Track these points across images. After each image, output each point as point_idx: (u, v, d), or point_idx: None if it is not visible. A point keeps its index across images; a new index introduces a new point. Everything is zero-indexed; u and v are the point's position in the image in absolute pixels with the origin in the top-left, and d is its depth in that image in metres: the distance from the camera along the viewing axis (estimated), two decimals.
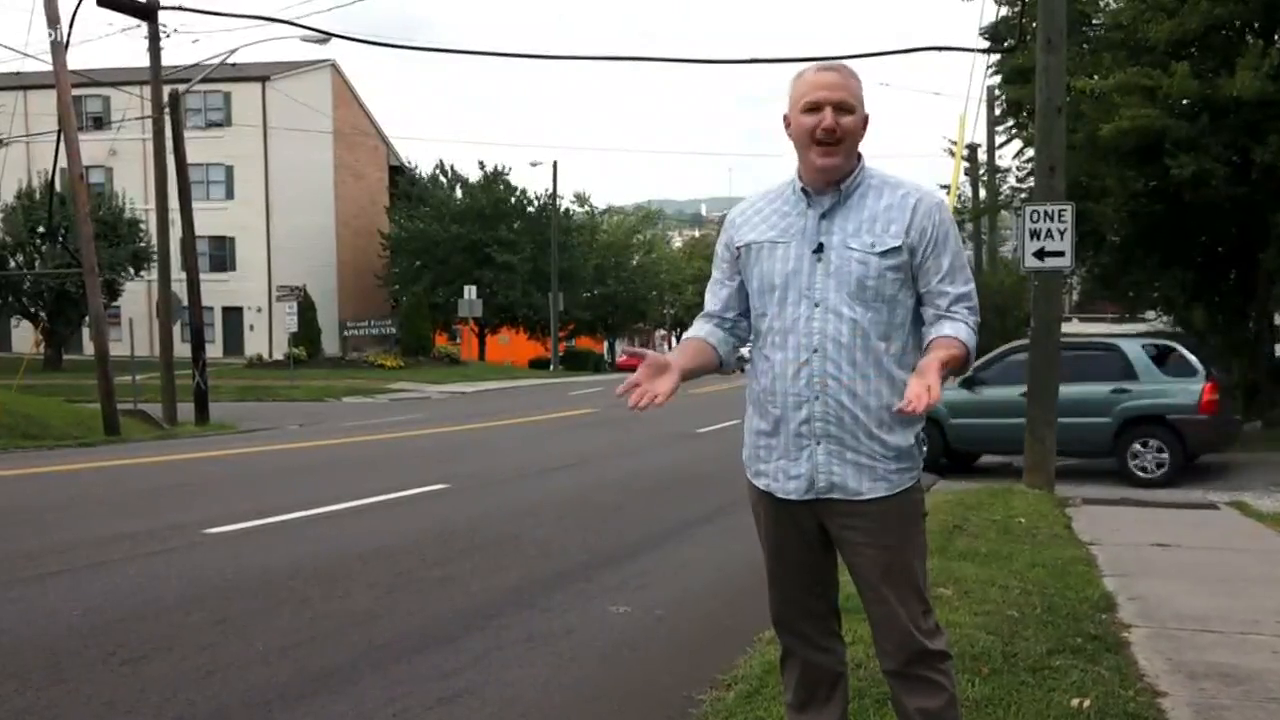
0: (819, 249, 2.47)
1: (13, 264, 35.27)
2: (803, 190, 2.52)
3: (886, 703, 3.25)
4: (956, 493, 8.14)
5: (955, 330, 2.46)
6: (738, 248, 2.60)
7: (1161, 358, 10.94)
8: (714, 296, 2.67)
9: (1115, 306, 26.74)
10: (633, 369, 2.50)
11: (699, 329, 2.66)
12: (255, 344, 42.98)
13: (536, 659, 4.38)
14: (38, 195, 34.54)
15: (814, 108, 2.43)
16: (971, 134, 27.35)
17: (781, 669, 2.77)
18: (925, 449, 2.58)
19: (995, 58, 17.27)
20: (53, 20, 16.51)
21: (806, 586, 2.63)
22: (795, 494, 2.50)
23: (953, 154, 25.39)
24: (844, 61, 2.58)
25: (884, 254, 2.45)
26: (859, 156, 2.51)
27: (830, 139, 2.42)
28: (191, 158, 21.50)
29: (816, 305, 2.45)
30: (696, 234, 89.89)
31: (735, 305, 2.64)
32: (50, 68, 17.02)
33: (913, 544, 2.54)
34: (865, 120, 2.49)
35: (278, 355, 39.65)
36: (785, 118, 2.52)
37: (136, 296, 38.03)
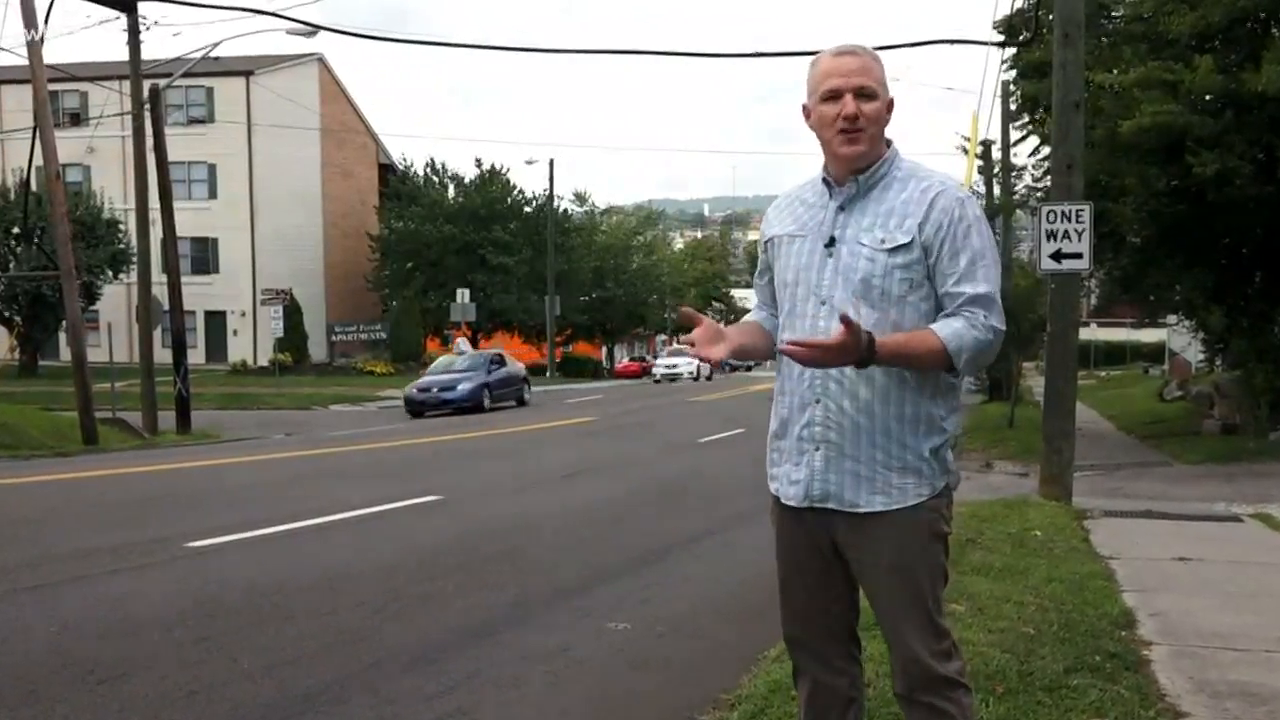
0: (830, 243, 2.37)
1: None
2: (824, 181, 2.43)
3: None
4: (970, 504, 8.02)
5: (944, 326, 2.26)
6: (766, 242, 2.54)
7: None
8: (758, 293, 2.68)
9: (1134, 310, 26.50)
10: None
11: (756, 314, 2.66)
12: (239, 349, 42.72)
13: (532, 678, 4.30)
14: (12, 195, 34.26)
15: (834, 95, 2.32)
16: (985, 130, 26.89)
17: (794, 685, 2.65)
18: (952, 464, 2.40)
19: (1010, 51, 17.12)
20: (29, 19, 16.26)
21: (817, 602, 2.49)
22: (794, 500, 2.41)
23: (966, 151, 25.08)
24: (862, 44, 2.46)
25: (893, 251, 2.31)
26: (888, 144, 2.40)
27: (853, 127, 2.31)
28: (173, 155, 21.40)
29: (823, 303, 2.35)
30: (699, 235, 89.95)
31: (775, 302, 2.58)
32: (25, 61, 16.80)
33: (921, 564, 2.37)
34: (889, 104, 2.37)
35: (262, 361, 39.41)
36: (804, 108, 2.41)
37: (115, 300, 37.65)
